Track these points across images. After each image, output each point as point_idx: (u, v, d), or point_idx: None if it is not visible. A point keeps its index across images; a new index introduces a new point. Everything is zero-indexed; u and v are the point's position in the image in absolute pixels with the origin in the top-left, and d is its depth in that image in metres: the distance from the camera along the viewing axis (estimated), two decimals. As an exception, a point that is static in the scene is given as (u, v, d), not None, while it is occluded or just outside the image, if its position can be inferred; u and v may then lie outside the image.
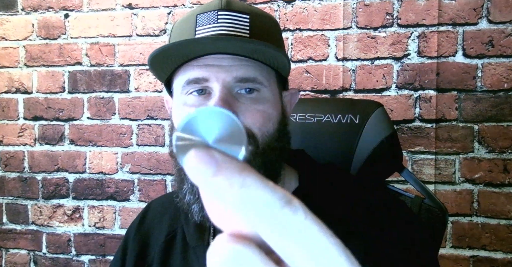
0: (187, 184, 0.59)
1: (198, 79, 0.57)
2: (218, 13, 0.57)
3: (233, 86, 0.56)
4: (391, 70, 1.43)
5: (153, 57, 0.56)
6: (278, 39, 0.62)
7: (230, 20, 0.57)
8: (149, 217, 0.76)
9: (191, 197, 0.59)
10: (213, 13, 0.57)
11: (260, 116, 0.57)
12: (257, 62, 0.57)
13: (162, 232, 0.72)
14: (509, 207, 1.37)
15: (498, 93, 1.37)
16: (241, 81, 0.56)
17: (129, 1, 1.61)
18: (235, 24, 0.57)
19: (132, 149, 1.63)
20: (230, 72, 0.56)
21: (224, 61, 0.56)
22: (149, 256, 0.72)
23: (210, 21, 0.57)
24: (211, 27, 0.57)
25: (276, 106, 0.60)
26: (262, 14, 0.61)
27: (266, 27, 0.59)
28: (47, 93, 1.69)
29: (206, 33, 0.56)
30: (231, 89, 0.56)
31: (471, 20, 1.38)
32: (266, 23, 0.60)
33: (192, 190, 0.58)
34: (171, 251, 0.69)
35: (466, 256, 1.39)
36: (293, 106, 0.66)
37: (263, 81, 0.57)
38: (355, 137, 0.85)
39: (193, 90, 0.58)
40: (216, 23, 0.56)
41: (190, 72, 0.57)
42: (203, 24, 0.57)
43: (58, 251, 1.70)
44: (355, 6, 1.45)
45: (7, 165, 1.73)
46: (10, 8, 1.70)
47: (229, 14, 0.57)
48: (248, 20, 0.57)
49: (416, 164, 1.42)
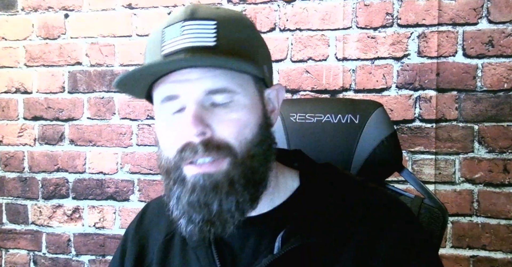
0: (173, 200, 0.59)
1: (169, 97, 0.57)
2: (183, 24, 0.56)
3: (205, 99, 0.56)
4: (391, 70, 1.43)
5: (118, 82, 0.56)
6: (249, 43, 0.60)
7: (195, 30, 0.56)
8: (148, 217, 0.77)
9: (177, 213, 0.59)
10: (178, 24, 0.56)
11: (235, 125, 0.56)
12: (227, 70, 0.56)
13: (161, 232, 0.72)
14: (509, 207, 1.37)
15: (498, 93, 1.37)
16: (211, 93, 0.55)
17: (129, 1, 1.61)
18: (201, 34, 0.55)
19: (132, 149, 1.63)
20: (198, 85, 0.55)
21: (192, 75, 0.55)
22: (148, 256, 0.72)
23: (175, 34, 0.56)
24: (176, 40, 0.56)
25: (254, 110, 0.59)
26: (231, 17, 0.59)
27: (235, 32, 0.58)
28: (47, 93, 1.69)
29: (172, 47, 0.56)
30: (203, 103, 0.56)
31: (471, 20, 1.38)
32: (234, 28, 0.58)
33: (177, 206, 0.58)
34: (170, 251, 0.69)
35: (466, 256, 1.39)
36: (280, 101, 0.65)
37: (236, 88, 0.56)
38: (355, 137, 0.85)
39: (168, 107, 0.58)
40: (181, 35, 0.56)
41: (162, 89, 0.57)
42: (169, 38, 0.56)
43: (58, 251, 1.70)
44: (355, 6, 1.45)
45: (7, 165, 1.73)
46: (10, 8, 1.71)
47: (194, 23, 0.56)
48: (215, 27, 0.56)
49: (416, 164, 1.42)
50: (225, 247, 0.63)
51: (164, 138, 0.60)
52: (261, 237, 0.62)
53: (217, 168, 0.56)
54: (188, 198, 0.56)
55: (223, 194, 0.56)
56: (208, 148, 0.55)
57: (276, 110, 0.65)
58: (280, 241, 0.60)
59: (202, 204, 0.56)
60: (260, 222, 0.61)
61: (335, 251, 0.60)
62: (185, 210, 0.57)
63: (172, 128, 0.58)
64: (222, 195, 0.56)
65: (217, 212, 0.56)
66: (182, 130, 0.56)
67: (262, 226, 0.62)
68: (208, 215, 0.56)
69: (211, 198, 0.55)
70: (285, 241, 0.60)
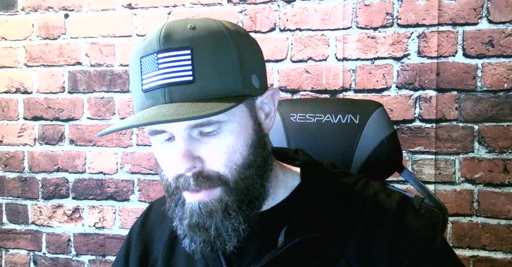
0: (176, 221, 0.61)
1: (156, 131, 0.58)
2: (157, 57, 0.55)
3: (191, 131, 0.56)
4: (391, 70, 1.43)
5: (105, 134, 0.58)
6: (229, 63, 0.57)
7: (170, 64, 0.55)
8: (152, 217, 0.77)
9: (181, 233, 0.61)
10: (153, 56, 0.55)
11: (225, 153, 0.57)
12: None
13: (166, 231, 0.73)
14: (509, 207, 1.37)
15: (498, 93, 1.37)
16: (196, 126, 0.56)
17: (129, 1, 1.61)
18: (176, 67, 0.55)
19: (132, 149, 1.63)
20: (183, 122, 0.55)
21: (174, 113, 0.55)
22: (153, 255, 0.73)
23: (152, 68, 0.55)
24: (153, 76, 0.55)
25: (244, 131, 0.59)
26: (208, 39, 0.56)
27: (212, 57, 0.56)
28: (47, 93, 1.69)
29: (150, 83, 0.56)
30: (190, 134, 0.57)
31: (471, 20, 1.38)
32: (211, 51, 0.56)
33: (180, 227, 0.60)
34: (175, 249, 0.70)
35: (466, 256, 1.39)
36: (276, 102, 0.65)
37: (219, 118, 0.56)
38: (355, 137, 0.85)
39: (157, 138, 0.59)
40: (157, 70, 0.55)
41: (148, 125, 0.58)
42: (146, 72, 0.56)
43: (58, 251, 1.70)
44: (355, 6, 1.45)
45: (7, 165, 1.73)
46: (10, 8, 1.71)
47: (168, 55, 0.55)
48: (190, 58, 0.54)
49: (416, 164, 1.42)
50: None
51: (161, 162, 0.61)
52: (264, 234, 0.63)
53: (210, 197, 0.58)
54: (188, 222, 0.59)
55: (218, 220, 0.58)
56: (199, 180, 0.57)
57: (273, 112, 0.65)
58: (283, 236, 0.62)
59: (201, 227, 0.58)
60: (263, 219, 0.62)
61: (338, 245, 0.61)
62: (186, 232, 0.60)
63: (165, 156, 0.60)
64: (217, 221, 0.58)
65: (215, 235, 0.58)
66: (174, 164, 0.57)
67: (265, 223, 0.63)
68: (207, 238, 0.58)
69: (208, 223, 0.58)
70: (288, 236, 0.61)
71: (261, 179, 0.61)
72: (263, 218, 0.62)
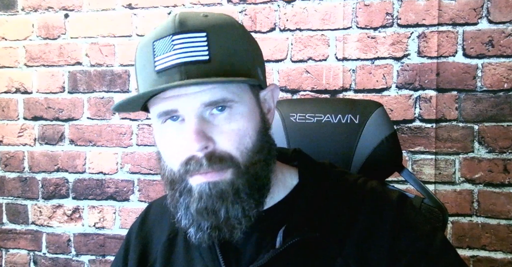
0: (180, 211, 0.60)
1: (168, 112, 0.57)
2: (172, 39, 0.56)
3: (204, 111, 0.56)
4: (391, 70, 1.43)
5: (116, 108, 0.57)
6: (241, 49, 0.59)
7: (186, 44, 0.55)
8: (151, 217, 0.77)
9: (186, 222, 0.60)
10: (168, 38, 0.56)
11: (236, 136, 0.57)
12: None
13: (164, 231, 0.72)
14: (509, 207, 1.37)
15: (498, 93, 1.37)
16: (210, 105, 0.56)
17: (129, 1, 1.61)
18: (192, 47, 0.55)
19: (132, 149, 1.63)
20: (196, 99, 0.56)
21: (189, 89, 0.56)
22: (152, 254, 0.72)
23: (166, 49, 0.56)
24: (168, 56, 0.56)
25: (253, 117, 0.60)
26: (221, 25, 0.58)
27: (226, 41, 0.58)
28: (47, 93, 1.69)
29: (165, 63, 0.56)
30: (202, 114, 0.56)
31: (471, 20, 1.38)
32: (225, 37, 0.58)
33: (186, 216, 0.59)
34: (173, 249, 0.70)
35: (466, 256, 1.39)
36: (276, 100, 0.66)
37: (233, 97, 0.57)
38: (355, 137, 0.85)
39: (167, 119, 0.58)
40: (172, 50, 0.55)
41: (159, 104, 0.58)
42: (160, 53, 0.56)
43: (58, 251, 1.70)
44: (355, 6, 1.45)
45: (7, 165, 1.73)
46: (10, 8, 1.71)
47: (184, 37, 0.55)
48: (206, 39, 0.56)
49: (416, 164, 1.42)
50: (228, 244, 0.64)
51: (166, 150, 0.60)
52: (263, 234, 0.63)
53: (221, 177, 0.57)
54: (196, 206, 0.57)
55: (229, 203, 0.57)
56: (211, 161, 0.56)
57: (272, 109, 0.66)
58: (281, 236, 0.61)
59: (210, 211, 0.57)
60: (261, 219, 0.62)
61: (337, 245, 0.61)
62: (194, 219, 0.58)
63: (174, 141, 0.58)
64: (228, 203, 0.57)
65: (225, 219, 0.57)
66: (185, 145, 0.56)
67: (263, 223, 0.62)
68: (216, 222, 0.57)
69: (218, 205, 0.57)
70: (286, 236, 0.61)
71: (268, 168, 0.61)
72: (262, 218, 0.62)
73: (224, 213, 0.57)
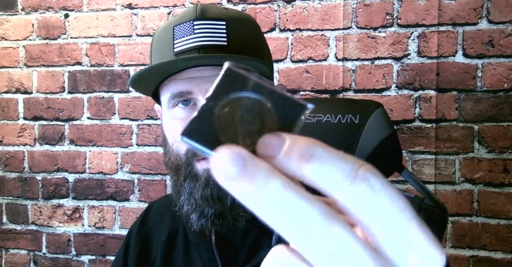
0: (183, 195, 0.60)
1: (182, 93, 0.58)
2: (193, 24, 0.57)
3: None
4: (391, 70, 1.43)
5: (134, 79, 0.57)
6: (256, 42, 0.62)
7: (206, 30, 0.57)
8: (151, 216, 0.77)
9: (189, 208, 0.59)
10: (189, 24, 0.57)
11: None
12: None
13: (164, 230, 0.73)
14: (509, 207, 1.37)
15: (498, 93, 1.37)
16: None
17: (129, 1, 1.61)
18: (212, 33, 0.57)
19: (132, 149, 1.63)
20: (211, 82, 0.56)
21: (205, 72, 0.56)
22: (152, 254, 0.73)
23: (187, 33, 0.57)
24: (188, 39, 0.57)
25: None
26: (239, 17, 0.61)
27: (244, 32, 0.60)
28: (47, 93, 1.69)
29: (184, 45, 0.57)
30: None
31: (471, 20, 1.38)
32: (243, 28, 0.60)
33: (189, 201, 0.59)
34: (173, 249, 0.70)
35: (466, 256, 1.39)
36: None
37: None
38: (355, 137, 0.85)
39: (178, 102, 0.59)
40: (192, 34, 0.57)
41: (174, 86, 0.58)
42: (180, 37, 0.57)
43: (58, 251, 1.70)
44: (355, 6, 1.45)
45: (7, 165, 1.73)
46: (10, 8, 1.71)
47: (204, 23, 0.57)
48: (225, 27, 0.57)
49: (416, 164, 1.42)
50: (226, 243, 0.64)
51: (174, 134, 0.60)
52: (260, 232, 0.64)
53: None
54: (201, 192, 0.57)
55: None
56: None
57: None
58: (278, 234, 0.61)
59: (216, 198, 0.57)
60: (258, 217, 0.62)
61: None
62: (197, 205, 0.58)
63: (183, 124, 0.58)
64: None
65: (230, 206, 0.57)
66: None
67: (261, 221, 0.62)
68: (221, 209, 0.57)
69: (224, 192, 0.56)
70: None
71: None
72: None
73: (230, 201, 0.57)
